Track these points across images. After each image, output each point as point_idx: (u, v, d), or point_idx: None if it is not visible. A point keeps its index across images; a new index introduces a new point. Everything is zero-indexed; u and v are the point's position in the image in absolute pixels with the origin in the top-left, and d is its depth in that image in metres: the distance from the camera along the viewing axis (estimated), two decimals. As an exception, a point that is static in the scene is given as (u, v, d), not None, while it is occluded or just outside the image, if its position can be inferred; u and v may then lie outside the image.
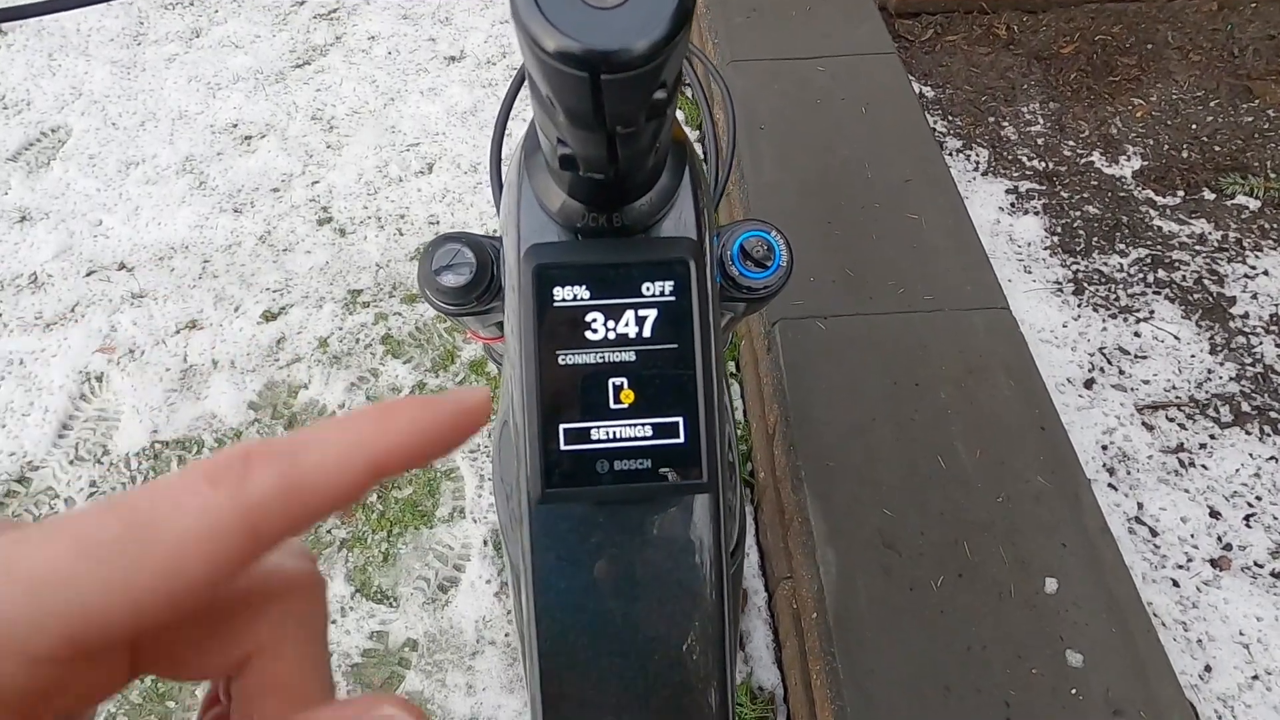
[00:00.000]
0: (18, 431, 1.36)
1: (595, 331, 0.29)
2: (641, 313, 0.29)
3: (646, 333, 0.29)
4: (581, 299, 0.29)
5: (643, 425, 0.30)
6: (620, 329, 0.29)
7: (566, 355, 0.29)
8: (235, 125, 1.87)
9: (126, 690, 1.12)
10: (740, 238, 0.47)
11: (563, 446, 0.30)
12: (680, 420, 0.30)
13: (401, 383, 1.42)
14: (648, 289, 0.29)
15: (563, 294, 0.29)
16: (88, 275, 1.59)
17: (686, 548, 0.32)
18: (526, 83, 0.26)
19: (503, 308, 0.48)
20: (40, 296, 1.56)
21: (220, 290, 1.56)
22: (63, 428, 1.37)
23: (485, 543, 1.24)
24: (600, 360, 0.29)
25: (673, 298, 0.29)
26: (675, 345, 0.30)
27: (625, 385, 0.30)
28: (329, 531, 1.25)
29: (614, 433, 0.30)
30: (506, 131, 0.58)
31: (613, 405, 0.30)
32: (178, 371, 1.44)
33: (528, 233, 0.31)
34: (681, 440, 0.30)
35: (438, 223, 1.67)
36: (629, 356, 0.29)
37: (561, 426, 0.29)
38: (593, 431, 0.30)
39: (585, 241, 0.31)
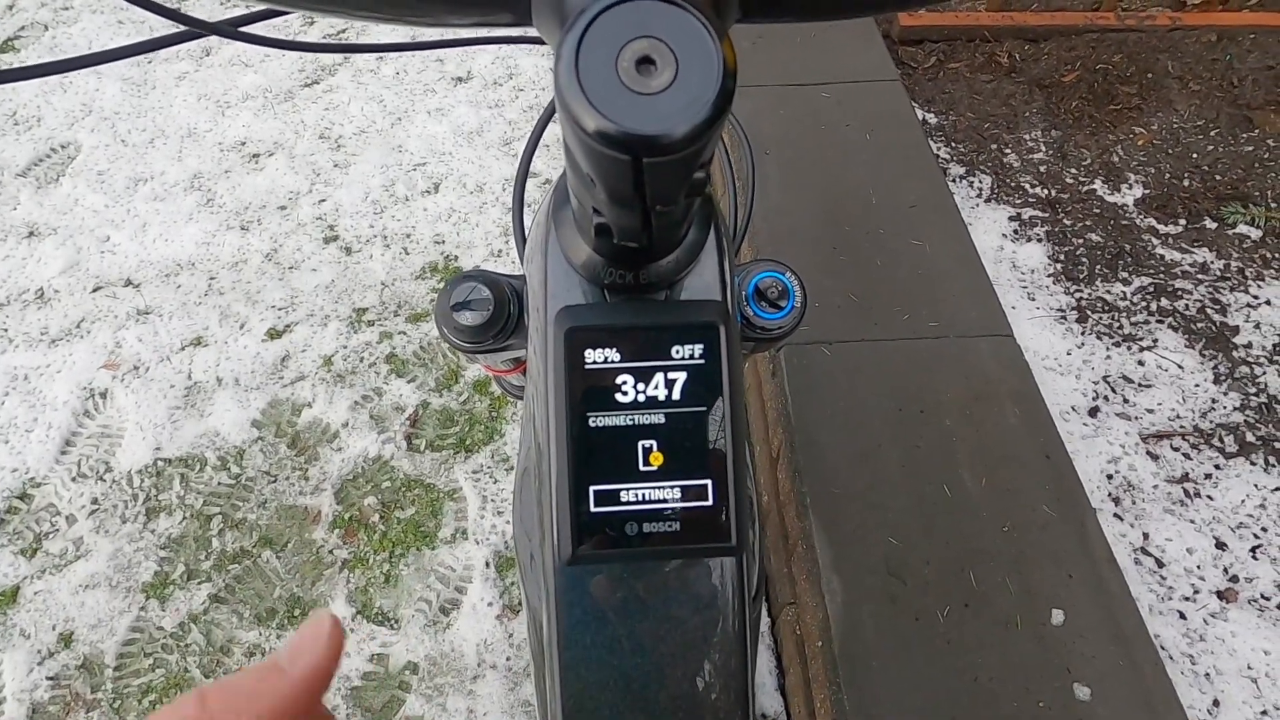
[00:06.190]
0: (21, 447, 1.36)
1: (625, 394, 0.29)
2: (671, 375, 0.29)
3: (676, 395, 0.29)
4: (612, 361, 0.29)
5: (671, 488, 0.30)
6: (650, 391, 0.29)
7: (597, 417, 0.29)
8: (244, 143, 1.88)
9: None
10: (755, 278, 0.47)
11: (593, 508, 0.30)
12: (708, 483, 0.31)
13: (405, 401, 1.42)
14: (677, 352, 0.29)
15: (594, 356, 0.29)
16: (94, 291, 1.59)
17: (711, 604, 0.32)
18: (565, 156, 0.26)
19: (518, 345, 0.48)
20: (46, 312, 1.56)
21: (226, 307, 1.56)
22: (66, 444, 1.37)
23: (488, 564, 1.23)
24: (630, 423, 0.29)
25: (702, 360, 0.29)
26: (704, 408, 0.30)
27: (655, 448, 0.30)
28: (330, 552, 1.25)
29: (643, 495, 0.30)
30: (529, 175, 0.58)
31: (642, 467, 0.30)
32: (182, 389, 1.44)
33: (554, 285, 0.31)
34: (710, 503, 0.30)
35: (443, 242, 1.68)
36: (658, 419, 0.29)
37: (592, 488, 0.29)
38: (622, 493, 0.30)
39: (615, 303, 0.31)
